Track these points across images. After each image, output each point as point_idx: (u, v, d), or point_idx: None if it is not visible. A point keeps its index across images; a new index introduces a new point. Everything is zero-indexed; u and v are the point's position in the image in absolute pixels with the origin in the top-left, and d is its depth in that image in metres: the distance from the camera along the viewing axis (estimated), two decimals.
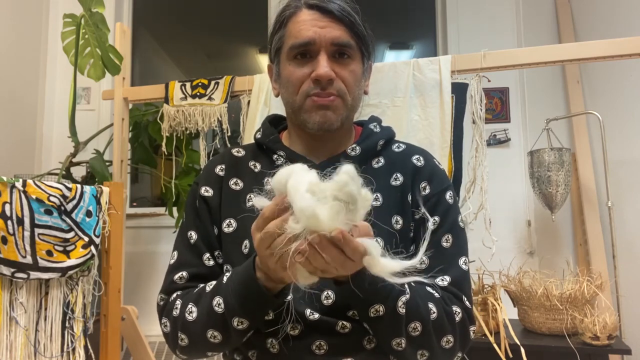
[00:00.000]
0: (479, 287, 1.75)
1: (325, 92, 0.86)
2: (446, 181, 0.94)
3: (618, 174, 2.15)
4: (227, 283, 0.79)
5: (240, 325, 0.77)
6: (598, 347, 1.61)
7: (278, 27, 0.92)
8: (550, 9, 2.55)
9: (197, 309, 0.81)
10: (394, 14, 3.32)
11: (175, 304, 0.86)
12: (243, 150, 1.00)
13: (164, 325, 0.87)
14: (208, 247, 0.91)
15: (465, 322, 0.83)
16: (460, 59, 1.70)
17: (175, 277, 0.90)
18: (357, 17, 0.89)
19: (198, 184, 0.95)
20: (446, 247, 0.88)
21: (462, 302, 0.84)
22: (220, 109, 1.88)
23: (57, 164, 2.32)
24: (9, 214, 1.29)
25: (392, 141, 0.98)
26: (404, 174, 0.92)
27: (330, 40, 0.86)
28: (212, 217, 0.92)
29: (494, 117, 2.48)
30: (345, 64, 0.88)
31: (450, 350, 0.81)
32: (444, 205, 0.90)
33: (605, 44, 1.60)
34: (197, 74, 2.19)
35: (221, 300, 0.78)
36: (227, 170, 0.95)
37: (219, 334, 0.79)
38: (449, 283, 0.85)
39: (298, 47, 0.87)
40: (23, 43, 2.42)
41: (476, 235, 1.66)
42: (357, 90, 0.91)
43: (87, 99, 2.59)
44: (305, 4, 0.89)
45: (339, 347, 0.82)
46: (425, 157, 0.96)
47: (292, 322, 0.82)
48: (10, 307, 1.30)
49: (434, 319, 0.78)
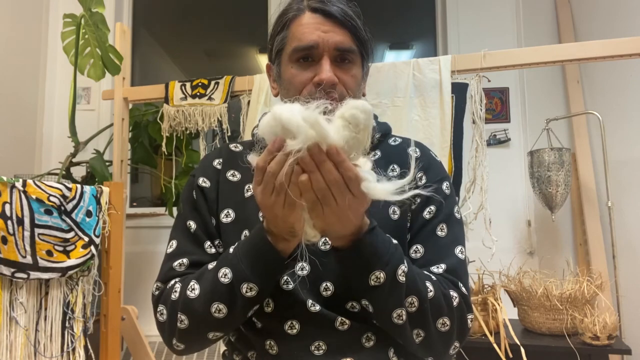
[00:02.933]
0: (479, 287, 1.75)
1: (328, 97, 0.86)
2: (442, 172, 0.95)
3: (618, 174, 2.15)
4: (234, 252, 0.78)
5: (249, 292, 0.76)
6: (598, 347, 1.61)
7: (280, 29, 0.92)
8: (550, 9, 2.55)
9: (200, 285, 0.80)
10: (394, 14, 3.32)
11: (174, 289, 0.84)
12: (240, 145, 1.00)
13: (160, 314, 0.85)
14: (208, 236, 0.91)
15: (462, 308, 0.82)
16: (460, 59, 1.70)
17: (174, 263, 0.89)
18: (358, 22, 0.90)
19: (195, 176, 0.96)
20: (441, 236, 0.88)
21: (458, 289, 0.84)
22: (220, 109, 1.88)
23: (57, 164, 2.32)
24: (9, 214, 1.29)
25: (388, 135, 1.00)
26: (400, 166, 0.93)
27: (333, 45, 0.87)
28: (209, 208, 0.92)
29: (494, 117, 2.48)
30: (347, 69, 0.89)
31: (446, 334, 0.80)
32: (441, 196, 0.90)
33: (605, 44, 1.60)
34: (197, 74, 2.19)
35: (228, 270, 0.77)
36: (225, 164, 0.96)
37: (225, 306, 0.77)
38: (444, 270, 0.85)
39: (301, 50, 0.88)
40: (23, 43, 2.42)
41: (476, 235, 1.67)
42: (357, 93, 0.92)
43: (87, 99, 2.59)
44: (309, 7, 0.90)
45: (338, 346, 0.82)
46: (421, 149, 0.97)
47: (290, 320, 0.82)
48: (10, 307, 1.30)
49: (431, 297, 0.78)
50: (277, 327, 0.83)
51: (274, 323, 0.83)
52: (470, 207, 1.65)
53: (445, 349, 0.82)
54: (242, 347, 0.86)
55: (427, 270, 0.84)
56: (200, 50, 3.82)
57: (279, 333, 0.83)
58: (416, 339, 0.79)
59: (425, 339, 0.79)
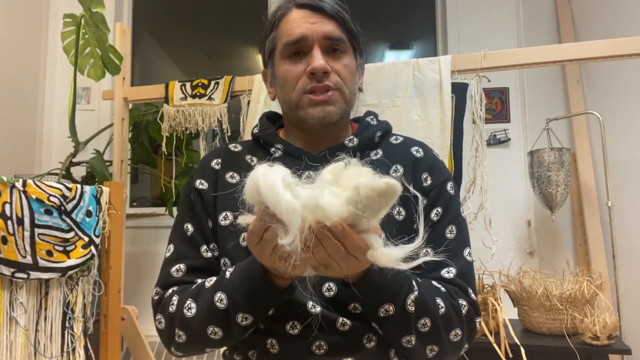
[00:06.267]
0: (479, 287, 1.75)
1: (323, 87, 0.87)
2: (446, 172, 0.95)
3: (618, 174, 2.15)
4: (231, 278, 0.78)
5: (244, 321, 0.77)
6: (598, 347, 1.61)
7: (270, 30, 0.93)
8: (550, 9, 2.55)
9: (197, 305, 0.81)
10: (394, 14, 3.32)
11: (171, 300, 0.85)
12: (240, 145, 1.00)
13: (159, 322, 0.87)
14: (204, 239, 0.91)
15: (471, 315, 0.84)
16: (460, 59, 1.70)
17: (172, 269, 0.89)
18: (346, 15, 0.90)
19: (193, 177, 0.95)
20: (451, 239, 0.88)
21: (467, 295, 0.85)
22: (220, 109, 1.88)
23: (57, 164, 2.32)
24: (9, 214, 1.29)
25: (389, 134, 0.99)
26: (404, 165, 0.92)
27: (322, 35, 0.87)
28: (206, 210, 0.91)
29: (494, 117, 2.48)
30: (338, 58, 0.89)
31: (458, 342, 0.82)
32: (446, 196, 0.91)
33: (605, 44, 1.60)
34: (197, 74, 2.19)
35: (224, 296, 0.77)
36: (223, 164, 0.95)
37: (220, 330, 0.78)
38: (455, 275, 0.85)
39: (291, 45, 0.88)
40: (23, 43, 2.42)
41: (476, 235, 1.65)
42: (352, 84, 0.91)
43: (87, 99, 2.59)
44: (295, 4, 0.90)
45: (339, 346, 0.82)
46: (424, 149, 0.96)
47: (292, 320, 0.82)
48: (10, 307, 1.30)
49: (442, 313, 0.79)
50: (279, 327, 0.83)
51: (276, 323, 0.83)
52: (470, 207, 1.65)
53: (456, 355, 0.85)
54: (242, 346, 0.86)
55: (437, 276, 0.85)
56: (200, 50, 3.82)
57: (280, 333, 0.83)
58: (430, 353, 0.81)
59: (439, 352, 0.81)
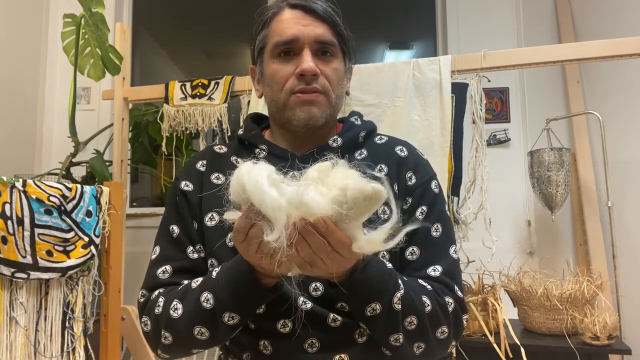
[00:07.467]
0: (479, 287, 1.75)
1: (310, 88, 0.87)
2: (430, 171, 0.95)
3: (618, 174, 2.15)
4: (217, 278, 0.78)
5: (231, 320, 0.76)
6: (598, 347, 1.61)
7: (261, 28, 0.93)
8: (550, 9, 2.55)
9: (183, 306, 0.80)
10: (394, 14, 3.32)
11: (157, 302, 0.84)
12: (225, 147, 1.00)
13: (144, 324, 0.87)
14: (190, 240, 0.91)
15: (457, 312, 0.84)
16: (460, 59, 1.70)
17: (158, 271, 0.89)
18: (338, 19, 0.91)
19: (178, 179, 0.96)
20: (436, 237, 0.88)
21: (454, 293, 0.85)
22: (220, 109, 1.88)
23: (57, 164, 2.32)
24: (9, 214, 1.29)
25: (373, 134, 0.99)
26: (388, 165, 0.92)
27: (313, 37, 0.87)
28: (191, 212, 0.92)
29: (494, 117, 2.48)
30: (328, 61, 0.89)
31: (445, 340, 0.83)
32: (431, 195, 0.91)
33: (605, 44, 1.60)
34: (197, 74, 2.19)
35: (210, 296, 0.77)
36: (208, 166, 0.95)
37: (207, 330, 0.78)
38: (441, 273, 0.86)
39: (282, 45, 0.88)
40: (23, 43, 2.42)
41: (476, 235, 1.67)
42: (339, 89, 0.92)
43: (87, 99, 2.59)
44: (288, 4, 0.91)
45: (331, 342, 0.82)
46: (408, 148, 0.97)
47: (283, 318, 0.82)
48: (10, 307, 1.30)
49: (428, 311, 0.79)
50: (270, 327, 0.83)
51: (267, 323, 0.83)
52: (470, 207, 1.65)
53: (444, 352, 0.85)
54: (236, 349, 0.87)
55: (423, 274, 0.85)
56: (200, 50, 3.82)
57: (272, 333, 0.83)
58: (417, 350, 0.81)
59: (426, 349, 0.81)
